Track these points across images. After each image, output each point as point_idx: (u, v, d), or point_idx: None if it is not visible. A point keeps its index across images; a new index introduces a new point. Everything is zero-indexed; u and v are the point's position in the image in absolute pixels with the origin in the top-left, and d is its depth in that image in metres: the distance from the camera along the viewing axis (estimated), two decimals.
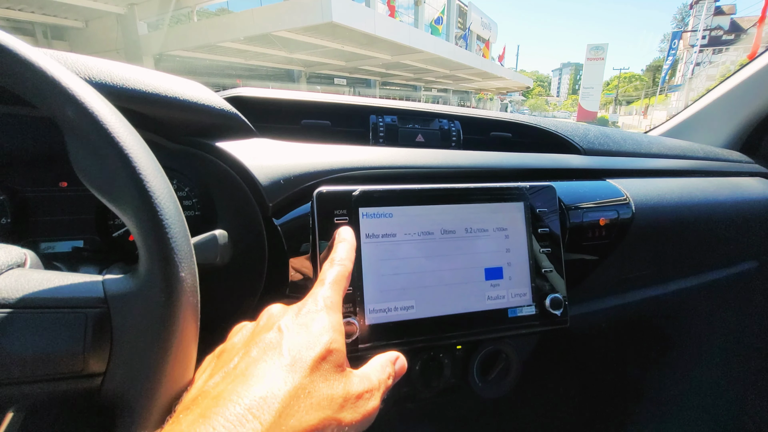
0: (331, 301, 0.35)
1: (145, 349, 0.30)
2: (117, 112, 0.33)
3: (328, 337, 0.31)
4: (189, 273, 0.32)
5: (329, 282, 0.37)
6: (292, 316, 0.33)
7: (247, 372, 0.28)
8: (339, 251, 0.42)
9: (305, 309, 0.33)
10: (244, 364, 0.29)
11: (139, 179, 0.31)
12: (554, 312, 0.58)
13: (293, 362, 0.28)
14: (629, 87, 74.23)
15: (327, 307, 0.34)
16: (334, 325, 0.32)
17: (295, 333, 0.31)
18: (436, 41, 19.85)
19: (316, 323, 0.32)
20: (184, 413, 0.26)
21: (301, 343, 0.30)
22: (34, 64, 0.29)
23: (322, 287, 0.37)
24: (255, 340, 0.31)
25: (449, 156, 0.65)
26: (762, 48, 2.75)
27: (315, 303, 0.34)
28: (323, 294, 0.35)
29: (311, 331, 0.31)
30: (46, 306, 0.30)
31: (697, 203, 0.81)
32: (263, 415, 0.24)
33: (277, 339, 0.30)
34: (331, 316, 0.33)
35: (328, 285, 0.37)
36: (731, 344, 1.18)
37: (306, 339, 0.30)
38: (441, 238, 0.55)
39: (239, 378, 0.27)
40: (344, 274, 0.39)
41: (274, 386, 0.26)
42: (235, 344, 0.34)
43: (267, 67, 20.64)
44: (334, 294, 0.36)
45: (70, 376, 0.30)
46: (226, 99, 0.59)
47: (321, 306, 0.34)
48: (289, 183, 0.53)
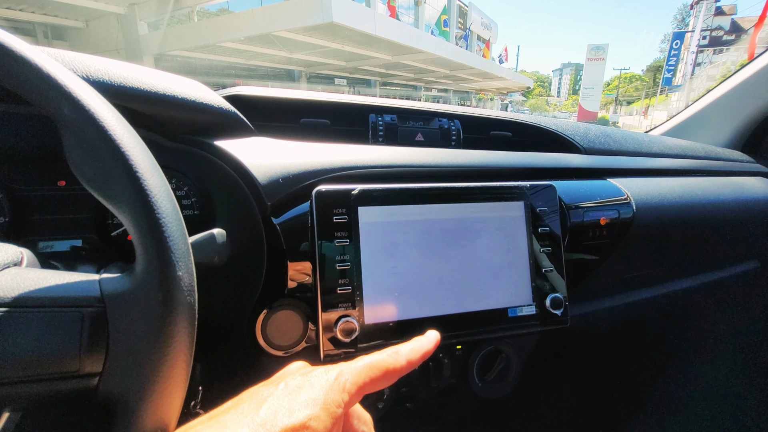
0: (350, 380, 0.31)
1: (142, 348, 0.30)
2: (114, 110, 0.33)
3: (310, 411, 0.28)
4: (186, 272, 0.32)
5: (367, 363, 0.33)
6: (299, 377, 0.31)
7: (222, 418, 0.27)
8: (408, 345, 0.38)
9: (316, 374, 0.31)
10: (227, 410, 0.28)
11: (135, 177, 0.31)
12: (554, 312, 0.58)
13: (263, 422, 0.26)
14: (630, 87, 74.20)
15: (338, 383, 0.30)
16: (329, 403, 0.29)
17: (286, 394, 0.29)
18: (437, 41, 19.86)
19: (311, 393, 0.29)
20: None
21: (282, 407, 0.28)
22: (30, 61, 0.29)
23: (352, 364, 0.33)
24: (253, 390, 0.31)
25: (449, 155, 0.65)
26: (759, 49, 2.72)
27: (326, 373, 0.31)
28: (346, 370, 0.32)
29: (299, 398, 0.28)
30: (42, 305, 0.29)
31: (699, 203, 0.80)
32: None
33: (267, 394, 0.29)
34: (332, 394, 0.29)
35: (360, 366, 0.33)
36: (733, 344, 1.18)
37: (290, 404, 0.28)
38: (440, 238, 0.54)
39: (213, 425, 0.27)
40: (388, 366, 0.34)
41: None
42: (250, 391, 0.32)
43: (267, 67, 20.65)
44: (360, 375, 0.32)
45: (66, 375, 0.29)
46: (225, 98, 0.59)
47: (331, 380, 0.30)
48: (288, 182, 0.53)
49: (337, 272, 0.50)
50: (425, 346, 0.39)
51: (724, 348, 1.18)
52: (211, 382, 0.55)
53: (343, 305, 0.50)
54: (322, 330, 0.49)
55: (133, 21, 13.49)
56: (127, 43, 13.92)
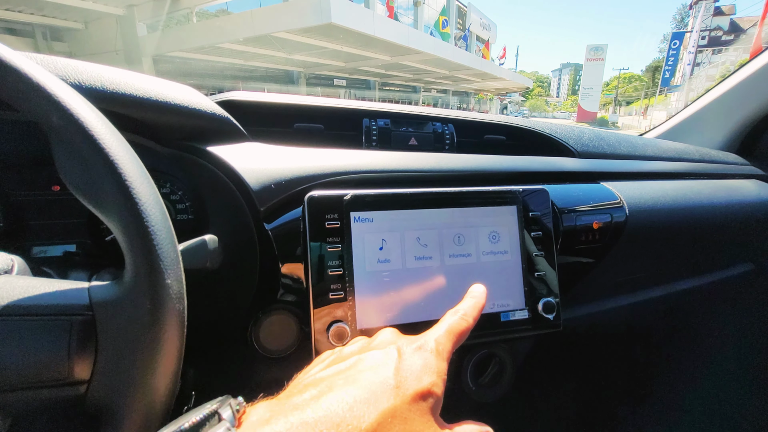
0: (443, 347, 0.36)
1: (130, 356, 0.30)
2: (103, 118, 0.33)
3: (433, 379, 0.32)
4: (175, 280, 0.32)
5: (446, 329, 0.38)
6: (405, 344, 0.35)
7: (357, 377, 0.30)
8: (466, 304, 0.42)
9: (417, 344, 0.35)
10: (357, 369, 0.31)
11: (124, 186, 0.31)
12: (547, 316, 0.58)
13: (398, 386, 0.30)
14: (629, 87, 74.30)
15: (438, 351, 0.35)
16: (439, 370, 0.33)
17: (407, 361, 0.32)
18: (435, 42, 19.87)
19: (425, 361, 0.33)
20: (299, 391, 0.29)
21: (410, 373, 0.31)
22: (18, 69, 0.29)
23: (439, 331, 0.37)
24: (370, 353, 0.34)
25: (442, 159, 0.65)
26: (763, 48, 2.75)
27: (428, 343, 0.35)
28: (438, 338, 0.36)
29: (419, 367, 0.32)
30: (30, 313, 0.30)
31: (692, 206, 0.80)
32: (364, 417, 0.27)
33: (389, 359, 0.32)
34: (439, 362, 0.34)
35: (444, 332, 0.37)
36: (728, 346, 1.18)
37: (415, 371, 0.31)
38: (433, 242, 0.55)
39: (351, 378, 0.30)
40: (463, 327, 0.39)
41: (378, 398, 0.28)
42: (353, 351, 0.36)
43: (266, 68, 20.65)
44: (447, 342, 0.37)
45: (55, 383, 0.30)
46: (219, 103, 0.59)
47: (432, 348, 0.35)
48: (280, 187, 0.53)
49: (329, 277, 0.50)
50: (480, 301, 0.44)
51: (720, 350, 1.18)
52: (204, 387, 0.55)
53: (336, 310, 0.50)
54: (314, 335, 0.49)
55: (132, 22, 13.50)
56: (126, 45, 13.91)
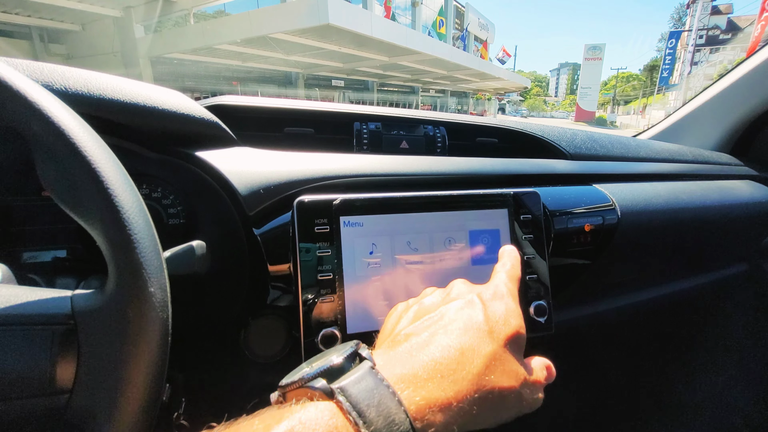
0: (513, 291, 0.38)
1: (113, 365, 0.30)
2: (84, 124, 0.33)
3: (518, 321, 0.34)
4: (158, 288, 0.32)
5: (507, 276, 0.40)
6: (485, 292, 0.36)
7: (450, 326, 0.31)
8: (506, 257, 0.45)
9: (494, 290, 0.37)
10: (447, 319, 0.32)
11: (106, 194, 0.31)
12: (538, 319, 0.58)
13: (491, 331, 0.31)
14: (627, 87, 74.40)
15: (512, 294, 0.37)
16: (518, 313, 0.35)
17: (491, 307, 0.34)
18: (434, 42, 19.88)
19: (508, 306, 0.35)
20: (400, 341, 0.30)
21: (498, 318, 0.33)
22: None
23: (504, 278, 0.40)
24: (454, 303, 0.34)
25: (433, 163, 0.65)
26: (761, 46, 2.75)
27: (500, 288, 0.37)
28: (507, 284, 0.38)
29: (503, 311, 0.34)
30: (11, 323, 0.29)
31: (685, 207, 0.80)
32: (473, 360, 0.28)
33: (476, 306, 0.33)
34: (516, 305, 0.36)
35: (507, 278, 0.40)
36: (722, 346, 1.18)
37: (501, 316, 0.33)
38: (424, 246, 0.54)
39: (447, 327, 0.31)
40: (517, 275, 0.42)
41: (479, 343, 0.30)
42: (433, 303, 0.37)
43: (264, 70, 20.64)
44: (514, 287, 0.39)
45: (36, 393, 0.29)
46: (208, 107, 0.59)
47: (506, 292, 0.37)
48: (269, 192, 0.53)
49: (319, 282, 0.50)
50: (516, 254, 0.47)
51: (715, 350, 1.18)
52: (194, 393, 0.55)
53: (326, 315, 0.50)
54: (303, 340, 0.49)
55: (130, 24, 13.47)
56: (123, 46, 13.89)
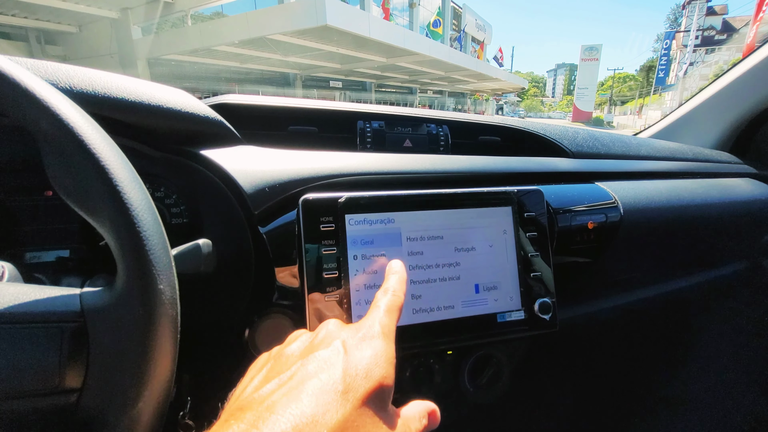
0: (388, 328, 0.34)
1: (123, 363, 0.30)
2: (93, 122, 0.33)
3: (383, 370, 0.30)
4: (168, 285, 0.32)
5: (385, 309, 0.36)
6: (350, 336, 0.33)
7: (301, 387, 0.28)
8: (392, 281, 0.41)
9: (363, 332, 0.33)
10: (299, 378, 0.29)
11: (116, 191, 0.30)
12: (543, 316, 0.58)
13: (347, 390, 0.28)
14: (624, 87, 74.70)
15: (384, 334, 0.33)
16: (388, 356, 0.32)
17: (352, 357, 0.30)
18: (431, 43, 19.92)
19: (373, 351, 0.31)
20: (235, 418, 0.26)
21: (357, 371, 0.29)
22: (6, 74, 0.29)
23: (379, 313, 0.36)
24: (313, 354, 0.31)
25: (437, 161, 0.65)
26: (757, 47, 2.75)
27: (372, 327, 0.34)
28: (381, 320, 0.35)
29: (367, 358, 0.30)
30: (21, 321, 0.29)
31: (686, 205, 0.81)
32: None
33: (334, 358, 0.30)
34: (386, 345, 0.32)
35: (384, 312, 0.36)
36: (724, 343, 1.19)
37: (362, 366, 0.30)
38: (428, 244, 0.54)
39: (293, 391, 0.27)
40: (398, 304, 0.38)
41: (326, 410, 0.26)
42: (293, 352, 0.33)
43: (262, 71, 20.63)
44: (390, 321, 0.35)
45: (46, 392, 0.29)
46: (212, 106, 0.59)
47: (378, 332, 0.33)
48: (275, 190, 0.53)
49: (324, 280, 0.50)
50: (402, 275, 0.43)
51: (717, 347, 1.19)
52: (200, 392, 0.55)
53: (331, 313, 0.49)
54: None
55: (127, 25, 13.45)
56: (121, 48, 13.86)
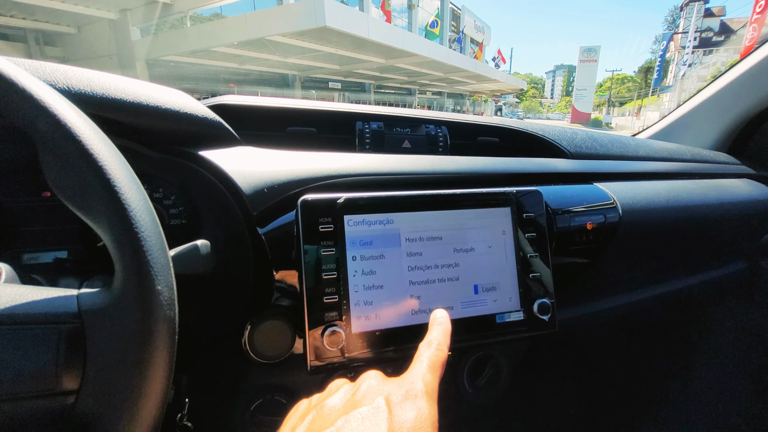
0: (431, 387, 0.33)
1: (121, 365, 0.30)
2: (91, 122, 0.33)
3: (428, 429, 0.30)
4: (166, 286, 0.32)
5: (429, 365, 0.35)
6: (394, 392, 0.32)
7: None
8: (436, 333, 0.41)
9: (406, 389, 0.32)
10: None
11: (113, 191, 0.30)
12: (542, 317, 0.58)
13: None
14: (622, 88, 74.87)
15: (428, 393, 0.32)
16: (433, 419, 0.31)
17: (396, 417, 0.29)
18: (430, 44, 19.95)
19: (417, 412, 0.30)
20: None
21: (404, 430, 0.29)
22: (3, 74, 0.29)
23: (423, 369, 0.35)
24: (357, 410, 0.30)
25: (436, 162, 0.65)
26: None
27: (415, 385, 0.33)
28: (424, 378, 0.34)
29: (412, 422, 0.29)
30: (17, 322, 0.29)
31: (684, 205, 0.81)
32: None
33: (379, 418, 0.29)
34: (430, 407, 0.31)
35: (428, 368, 0.35)
36: (723, 344, 1.19)
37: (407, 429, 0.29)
38: (427, 245, 0.54)
39: None
40: (442, 359, 0.38)
41: None
42: (336, 406, 0.32)
43: (261, 72, 20.63)
44: (434, 380, 0.35)
45: (43, 394, 0.29)
46: (210, 107, 0.59)
47: (421, 391, 0.32)
48: (273, 191, 0.53)
49: (323, 282, 0.50)
50: (447, 327, 0.43)
51: (716, 348, 1.19)
52: (197, 394, 0.54)
53: (330, 315, 0.49)
54: (308, 340, 0.49)
55: (126, 26, 13.43)
56: (120, 49, 13.84)
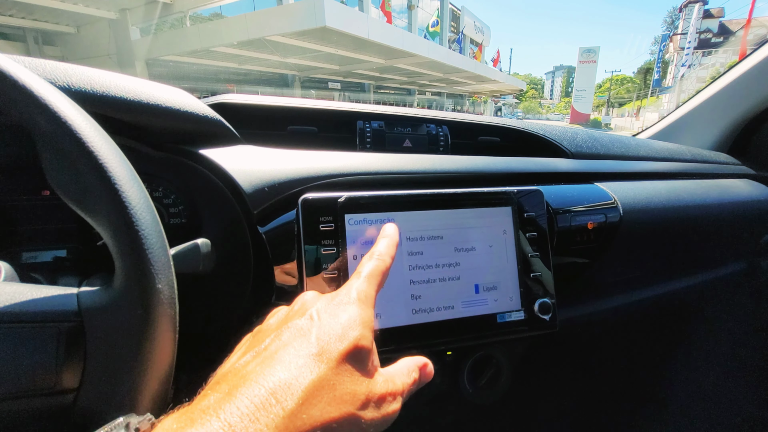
0: (365, 294, 0.34)
1: (121, 363, 0.30)
2: (91, 120, 0.32)
3: (357, 332, 0.30)
4: (166, 284, 0.32)
5: (365, 275, 0.36)
6: (324, 304, 0.33)
7: (275, 355, 0.28)
8: (380, 246, 0.41)
9: (338, 299, 0.33)
10: (273, 347, 0.29)
11: (114, 189, 0.30)
12: (543, 317, 0.58)
13: (320, 352, 0.28)
14: (621, 89, 74.99)
15: (360, 300, 0.33)
16: (364, 320, 0.32)
17: (325, 322, 0.30)
18: (430, 45, 19.96)
19: (347, 315, 0.31)
20: (212, 389, 0.27)
21: (330, 334, 0.29)
22: (4, 72, 0.28)
23: (358, 280, 0.36)
24: (287, 324, 0.31)
25: (436, 161, 0.65)
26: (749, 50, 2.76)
27: (348, 294, 0.34)
28: (358, 286, 0.35)
29: (341, 323, 0.31)
30: (17, 320, 0.29)
31: (685, 205, 0.81)
32: (286, 401, 0.25)
33: (307, 326, 0.30)
34: (362, 310, 0.32)
35: (363, 278, 0.36)
36: (723, 344, 1.19)
37: (336, 330, 0.30)
38: (428, 244, 0.54)
39: (267, 360, 0.28)
40: (382, 269, 0.38)
41: (300, 374, 0.26)
42: (270, 326, 0.34)
43: (260, 72, 20.62)
44: (369, 287, 0.35)
45: (43, 392, 0.29)
46: (211, 105, 0.59)
47: (354, 298, 0.33)
48: (274, 190, 0.52)
49: (323, 281, 0.49)
50: (394, 238, 0.43)
51: (715, 348, 1.19)
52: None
53: None
54: None
55: (125, 26, 13.42)
56: (119, 49, 13.83)
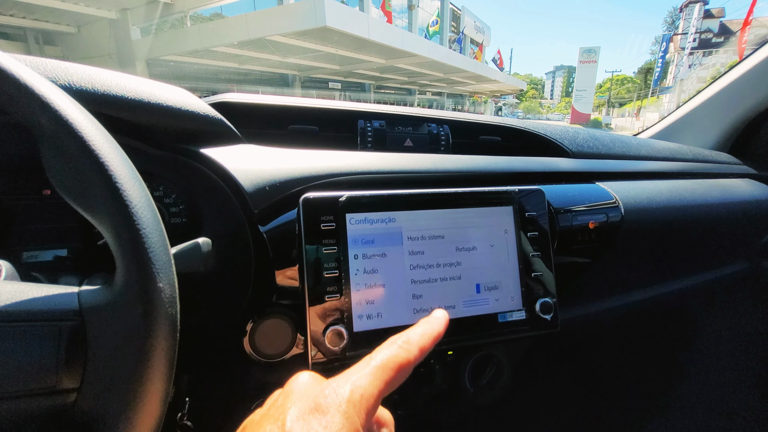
0: (361, 395, 0.26)
1: (122, 363, 0.30)
2: (93, 119, 0.32)
3: None
4: (167, 283, 0.32)
5: (374, 366, 0.28)
6: (304, 408, 0.25)
7: None
8: (414, 331, 0.33)
9: (317, 401, 0.25)
10: None
11: (115, 188, 0.30)
12: (544, 316, 0.58)
13: None
14: (621, 89, 74.97)
15: (351, 404, 0.25)
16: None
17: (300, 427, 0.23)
18: (430, 45, 19.96)
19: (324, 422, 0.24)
20: None
21: None
22: (5, 70, 0.28)
23: (361, 372, 0.27)
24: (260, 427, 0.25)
25: (438, 160, 0.65)
26: (747, 51, 2.74)
27: (337, 392, 0.26)
28: (356, 382, 0.26)
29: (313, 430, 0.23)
30: (18, 319, 0.29)
31: (686, 205, 0.81)
32: None
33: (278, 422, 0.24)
34: (348, 423, 0.24)
35: (369, 371, 0.27)
36: (725, 344, 1.19)
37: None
38: (429, 243, 0.54)
39: None
40: (400, 361, 0.29)
41: None
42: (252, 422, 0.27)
43: (261, 72, 20.63)
44: (371, 386, 0.26)
45: (43, 392, 0.29)
46: (212, 105, 0.59)
47: (342, 400, 0.25)
48: (275, 189, 0.52)
49: (325, 280, 0.49)
50: (436, 329, 0.34)
51: (717, 348, 1.18)
52: (198, 393, 0.54)
53: (332, 313, 0.49)
54: (310, 338, 0.49)
55: (126, 26, 13.44)
56: (120, 48, 13.85)
